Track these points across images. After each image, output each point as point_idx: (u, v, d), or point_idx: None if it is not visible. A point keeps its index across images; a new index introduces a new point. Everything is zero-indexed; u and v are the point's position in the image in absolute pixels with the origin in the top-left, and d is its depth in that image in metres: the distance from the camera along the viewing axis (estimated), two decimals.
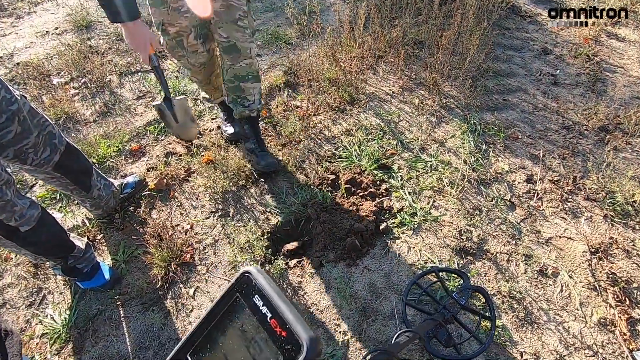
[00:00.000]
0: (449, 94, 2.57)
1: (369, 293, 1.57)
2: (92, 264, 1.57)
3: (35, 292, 1.63)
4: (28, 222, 1.23)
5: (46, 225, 1.32)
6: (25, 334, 1.49)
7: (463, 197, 1.93)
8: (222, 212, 1.90)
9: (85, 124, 2.50)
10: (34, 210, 1.26)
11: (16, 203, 1.17)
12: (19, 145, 1.24)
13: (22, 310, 1.57)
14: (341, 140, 2.26)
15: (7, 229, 1.18)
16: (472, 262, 1.68)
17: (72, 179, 1.53)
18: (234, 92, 1.87)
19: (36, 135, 1.29)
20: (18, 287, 1.64)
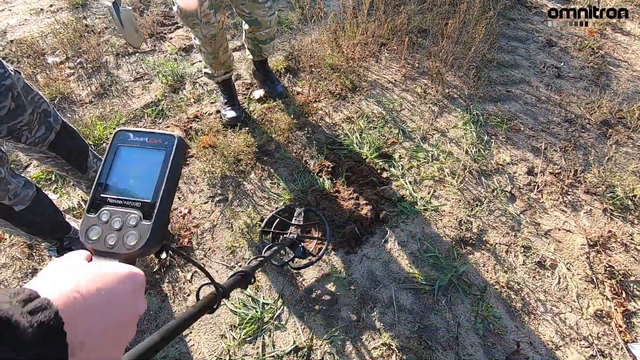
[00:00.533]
0: (452, 84, 2.54)
1: (367, 281, 1.57)
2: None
3: (30, 273, 1.61)
4: (22, 202, 1.20)
5: (41, 205, 1.29)
6: None
7: (464, 188, 1.92)
8: (221, 197, 1.88)
9: (81, 104, 2.44)
10: (29, 189, 1.23)
11: (10, 181, 1.14)
12: (12, 122, 1.21)
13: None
14: (342, 128, 2.23)
15: (1, 208, 1.16)
16: (471, 252, 1.68)
17: (67, 159, 1.49)
18: (253, 47, 2.19)
19: (30, 113, 1.25)
20: (12, 268, 1.62)
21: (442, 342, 1.40)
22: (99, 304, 0.33)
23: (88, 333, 0.31)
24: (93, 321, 0.32)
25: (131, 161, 0.46)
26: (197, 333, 1.43)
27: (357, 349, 1.38)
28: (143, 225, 0.43)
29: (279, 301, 1.51)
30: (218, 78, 2.16)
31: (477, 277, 1.59)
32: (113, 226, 0.43)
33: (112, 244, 0.42)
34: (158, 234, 0.44)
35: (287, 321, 1.45)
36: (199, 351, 1.38)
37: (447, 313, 1.48)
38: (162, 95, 2.48)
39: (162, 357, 1.36)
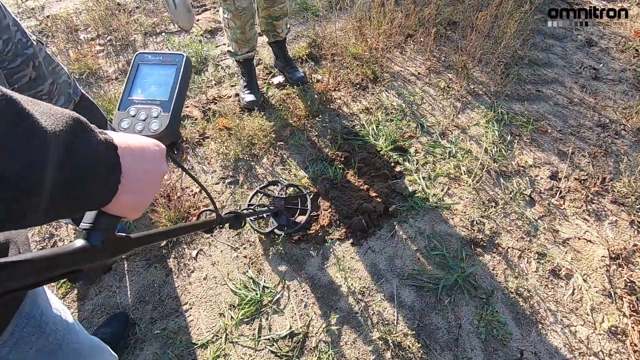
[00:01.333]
0: (477, 80, 2.44)
1: (370, 274, 1.54)
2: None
3: (47, 237, 1.68)
4: None
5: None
6: None
7: (480, 188, 1.84)
8: (232, 179, 1.89)
9: (107, 80, 2.51)
10: None
11: None
12: (33, 91, 1.25)
13: (34, 248, 1.63)
14: (359, 118, 2.19)
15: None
16: (481, 254, 1.62)
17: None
18: (267, 27, 2.23)
19: (50, 83, 1.29)
20: (32, 231, 1.70)
21: (441, 342, 1.36)
22: (139, 151, 0.45)
23: (130, 167, 0.42)
24: (135, 161, 0.43)
25: (150, 74, 0.60)
26: (197, 309, 1.46)
27: (352, 340, 1.36)
28: (163, 116, 0.56)
29: (279, 286, 1.51)
30: (241, 56, 2.16)
31: (484, 280, 1.54)
32: (139, 117, 0.56)
33: (139, 129, 0.55)
34: (174, 123, 0.56)
35: (285, 306, 1.46)
36: (197, 327, 1.41)
37: (449, 314, 1.43)
38: None
39: (162, 329, 1.40)
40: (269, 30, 2.26)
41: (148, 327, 1.41)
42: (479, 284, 1.52)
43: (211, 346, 1.36)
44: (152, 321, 1.43)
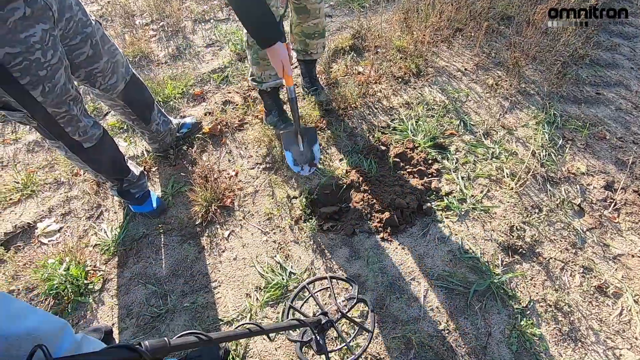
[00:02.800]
0: (529, 79, 2.29)
1: (398, 270, 1.51)
2: (143, 191, 1.69)
3: (95, 207, 1.80)
4: (90, 140, 1.33)
5: (106, 146, 1.43)
6: (82, 241, 1.67)
7: (523, 192, 1.74)
8: (267, 165, 1.92)
9: (157, 64, 2.63)
10: (97, 129, 1.36)
11: (81, 119, 1.27)
12: (89, 67, 1.33)
13: (82, 220, 1.76)
14: (399, 113, 2.13)
15: (72, 143, 1.30)
16: (519, 262, 1.53)
17: (134, 109, 1.62)
18: (300, 44, 2.00)
19: (105, 61, 1.37)
20: (82, 200, 1.83)
21: (468, 348, 1.31)
22: None
23: None
24: None
25: None
26: (225, 287, 1.50)
27: (375, 335, 1.35)
28: None
29: (306, 273, 1.52)
30: (267, 83, 1.85)
31: (521, 289, 1.45)
32: None
33: None
34: None
35: (310, 294, 1.46)
36: (224, 304, 1.46)
37: (479, 320, 1.37)
38: (229, 62, 2.58)
39: (191, 302, 1.46)
40: (300, 50, 2.02)
41: (179, 299, 1.48)
42: (514, 292, 1.44)
43: (236, 324, 1.39)
44: (183, 294, 1.49)
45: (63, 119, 1.22)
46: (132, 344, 0.60)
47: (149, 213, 1.71)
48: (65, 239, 1.68)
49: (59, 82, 1.15)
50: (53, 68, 1.12)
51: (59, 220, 1.76)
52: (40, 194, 1.87)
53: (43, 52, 1.07)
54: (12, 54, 1.01)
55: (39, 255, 1.61)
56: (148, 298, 1.48)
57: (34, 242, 1.69)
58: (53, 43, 1.11)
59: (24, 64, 1.04)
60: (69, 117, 1.22)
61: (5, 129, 2.24)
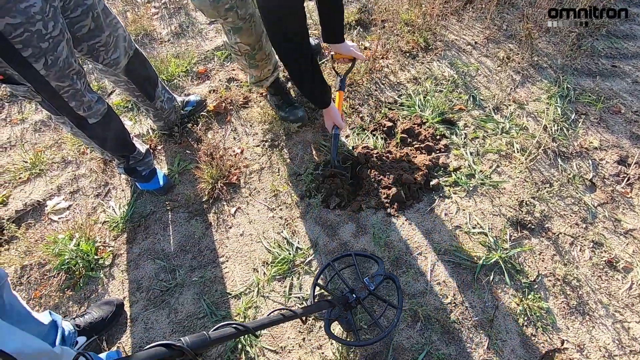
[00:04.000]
0: (542, 51, 2.21)
1: (404, 245, 1.50)
2: (150, 168, 1.69)
3: (103, 185, 1.81)
4: (95, 115, 1.32)
5: (112, 122, 1.42)
6: (91, 218, 1.69)
7: (533, 168, 1.70)
8: (273, 142, 1.90)
9: (160, 42, 2.59)
10: (101, 105, 1.34)
11: (85, 94, 1.26)
12: (92, 41, 1.31)
13: (90, 198, 1.77)
14: (406, 88, 2.08)
15: (77, 118, 1.29)
16: (527, 237, 1.51)
17: (137, 85, 1.61)
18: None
19: (108, 35, 1.35)
20: (90, 179, 1.84)
21: (474, 321, 1.31)
22: None
23: None
24: None
25: None
26: (233, 262, 1.52)
27: (382, 308, 1.35)
28: None
29: (312, 249, 1.52)
30: (265, 81, 1.83)
31: (529, 263, 1.44)
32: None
33: None
34: None
35: (317, 269, 1.47)
36: (232, 278, 1.47)
37: (487, 294, 1.37)
38: None
39: (199, 277, 1.48)
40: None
41: (187, 273, 1.49)
42: (522, 267, 1.43)
43: (244, 297, 1.41)
44: (191, 269, 1.51)
45: (67, 93, 1.21)
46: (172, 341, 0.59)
47: (155, 190, 1.72)
48: (75, 216, 1.70)
49: (61, 55, 1.13)
50: (55, 40, 1.10)
51: (68, 198, 1.78)
52: (48, 173, 1.89)
53: (44, 23, 1.05)
54: (12, 25, 0.99)
55: (49, 232, 1.64)
56: (157, 273, 1.51)
57: (44, 219, 1.71)
58: (54, 14, 1.09)
59: (25, 35, 1.02)
60: (73, 92, 1.21)
61: (12, 109, 2.24)
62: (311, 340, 1.30)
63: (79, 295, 1.47)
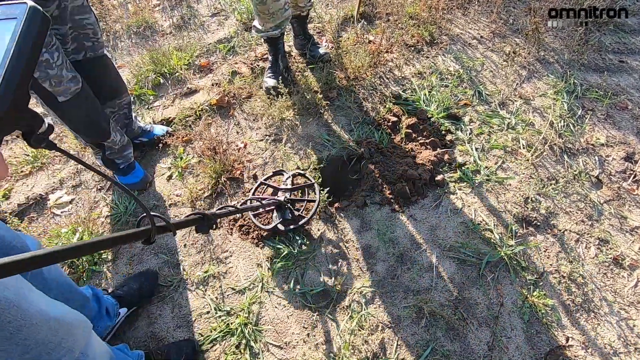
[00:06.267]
0: (549, 46, 2.18)
1: (409, 241, 1.50)
2: (128, 162, 1.66)
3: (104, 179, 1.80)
4: (64, 94, 1.27)
5: (83, 102, 1.35)
6: (94, 212, 1.68)
7: (539, 164, 1.69)
8: (276, 137, 1.89)
9: (162, 34, 2.57)
10: (73, 84, 1.29)
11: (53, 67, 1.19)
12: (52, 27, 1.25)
13: (93, 192, 1.76)
14: (411, 82, 2.06)
15: (45, 93, 1.24)
16: (533, 233, 1.50)
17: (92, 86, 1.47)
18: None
19: (69, 28, 1.30)
20: (92, 173, 1.83)
21: (479, 317, 1.31)
22: None
23: None
24: None
25: None
26: (237, 258, 1.51)
27: (386, 304, 1.35)
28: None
29: (316, 244, 1.52)
30: (265, 33, 1.91)
31: (534, 260, 1.43)
32: None
33: None
34: (6, 98, 0.41)
35: (321, 264, 1.47)
36: (236, 274, 1.47)
37: (491, 291, 1.36)
38: (234, 32, 2.50)
39: (204, 271, 1.47)
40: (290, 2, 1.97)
41: (191, 269, 1.49)
42: (527, 264, 1.42)
43: (248, 292, 1.41)
44: (195, 264, 1.50)
45: None
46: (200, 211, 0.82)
47: (132, 185, 1.70)
48: (77, 210, 1.70)
49: None
50: None
51: (70, 192, 1.77)
52: (50, 167, 1.87)
53: None
54: None
55: (52, 226, 1.63)
56: (161, 267, 1.50)
57: (47, 213, 1.70)
58: None
59: None
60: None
61: None
62: (316, 336, 1.30)
63: None
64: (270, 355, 1.28)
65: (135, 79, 2.21)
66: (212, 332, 1.32)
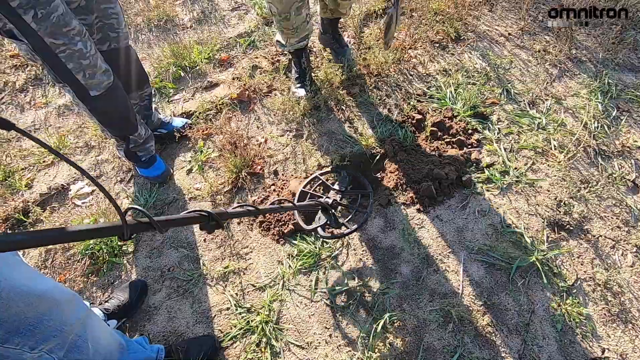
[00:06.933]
0: (582, 44, 2.10)
1: (435, 243, 1.45)
2: (150, 154, 1.64)
3: (126, 171, 1.80)
4: (98, 87, 1.25)
5: (116, 98, 1.34)
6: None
7: (572, 166, 1.62)
8: (297, 132, 1.86)
9: (182, 28, 2.56)
10: (106, 77, 1.27)
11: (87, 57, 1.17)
12: (78, 17, 1.24)
13: (113, 184, 1.76)
14: (436, 80, 2.00)
15: (78, 86, 1.22)
16: (565, 239, 1.44)
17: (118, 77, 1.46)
18: (331, 3, 1.85)
19: (95, 18, 1.29)
20: (112, 164, 1.83)
21: (510, 324, 1.26)
22: None
23: None
24: None
25: None
26: (257, 254, 1.48)
27: (411, 307, 1.31)
28: None
29: (339, 242, 1.48)
30: (289, 47, 1.85)
31: (567, 266, 1.37)
32: None
33: None
34: None
35: (343, 263, 1.43)
36: (256, 270, 1.44)
37: (522, 297, 1.31)
38: (255, 26, 2.47)
39: (224, 267, 1.45)
40: (327, 5, 1.88)
41: (211, 263, 1.47)
42: (559, 270, 1.36)
43: (269, 290, 1.38)
44: (215, 259, 1.48)
45: (63, 53, 1.13)
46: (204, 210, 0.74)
47: (153, 178, 1.69)
48: (98, 201, 1.69)
49: (55, 11, 1.06)
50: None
51: (91, 183, 1.77)
52: (71, 157, 1.88)
53: None
54: None
55: (73, 216, 1.63)
56: (180, 261, 1.48)
57: (68, 203, 1.70)
58: None
59: None
60: (70, 52, 1.14)
61: (36, 93, 2.24)
62: (338, 337, 1.26)
63: (102, 281, 1.46)
64: (291, 354, 1.25)
65: (155, 72, 2.21)
66: (232, 329, 1.30)
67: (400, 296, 1.33)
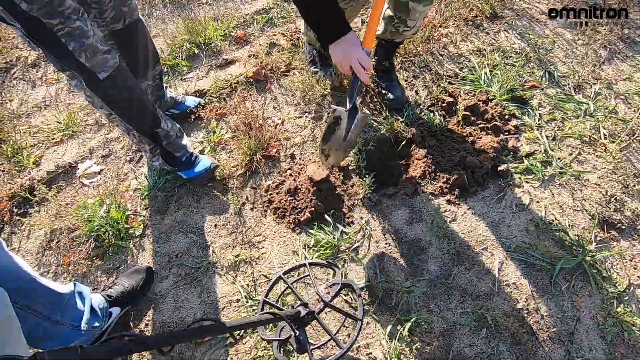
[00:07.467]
0: (636, 23, 1.88)
1: (467, 238, 1.31)
2: (188, 152, 1.51)
3: (135, 150, 1.71)
4: (104, 67, 1.14)
5: (125, 79, 1.23)
6: (122, 184, 1.59)
7: (624, 158, 1.44)
8: (316, 114, 1.72)
9: (198, 4, 2.43)
10: (110, 56, 1.15)
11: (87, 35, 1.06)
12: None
13: (122, 163, 1.67)
14: (469, 60, 1.83)
15: (84, 71, 1.11)
16: (616, 239, 1.27)
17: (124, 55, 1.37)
18: (396, 9, 1.40)
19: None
20: (122, 143, 1.74)
21: (551, 332, 1.12)
22: None
23: None
24: None
25: None
26: (271, 243, 1.37)
27: (439, 308, 1.18)
28: None
29: (360, 234, 1.36)
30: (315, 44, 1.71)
31: (617, 270, 1.21)
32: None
33: None
34: None
35: (364, 256, 1.31)
36: (269, 260, 1.33)
37: (566, 302, 1.16)
38: (274, 2, 2.33)
39: (234, 255, 1.35)
40: (392, 19, 1.44)
41: (222, 251, 1.37)
42: (609, 273, 1.20)
43: (282, 282, 1.27)
44: (226, 246, 1.38)
45: (62, 31, 1.03)
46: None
47: (200, 176, 1.50)
48: (106, 181, 1.61)
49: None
50: None
51: (100, 162, 1.69)
52: (81, 135, 1.80)
53: None
54: None
55: (80, 196, 1.55)
56: (189, 248, 1.39)
57: (75, 182, 1.63)
58: None
59: None
60: (69, 30, 1.03)
61: (48, 69, 2.17)
62: (357, 338, 1.15)
63: (107, 265, 1.39)
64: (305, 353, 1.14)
65: (169, 49, 2.10)
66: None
67: (427, 295, 1.21)
